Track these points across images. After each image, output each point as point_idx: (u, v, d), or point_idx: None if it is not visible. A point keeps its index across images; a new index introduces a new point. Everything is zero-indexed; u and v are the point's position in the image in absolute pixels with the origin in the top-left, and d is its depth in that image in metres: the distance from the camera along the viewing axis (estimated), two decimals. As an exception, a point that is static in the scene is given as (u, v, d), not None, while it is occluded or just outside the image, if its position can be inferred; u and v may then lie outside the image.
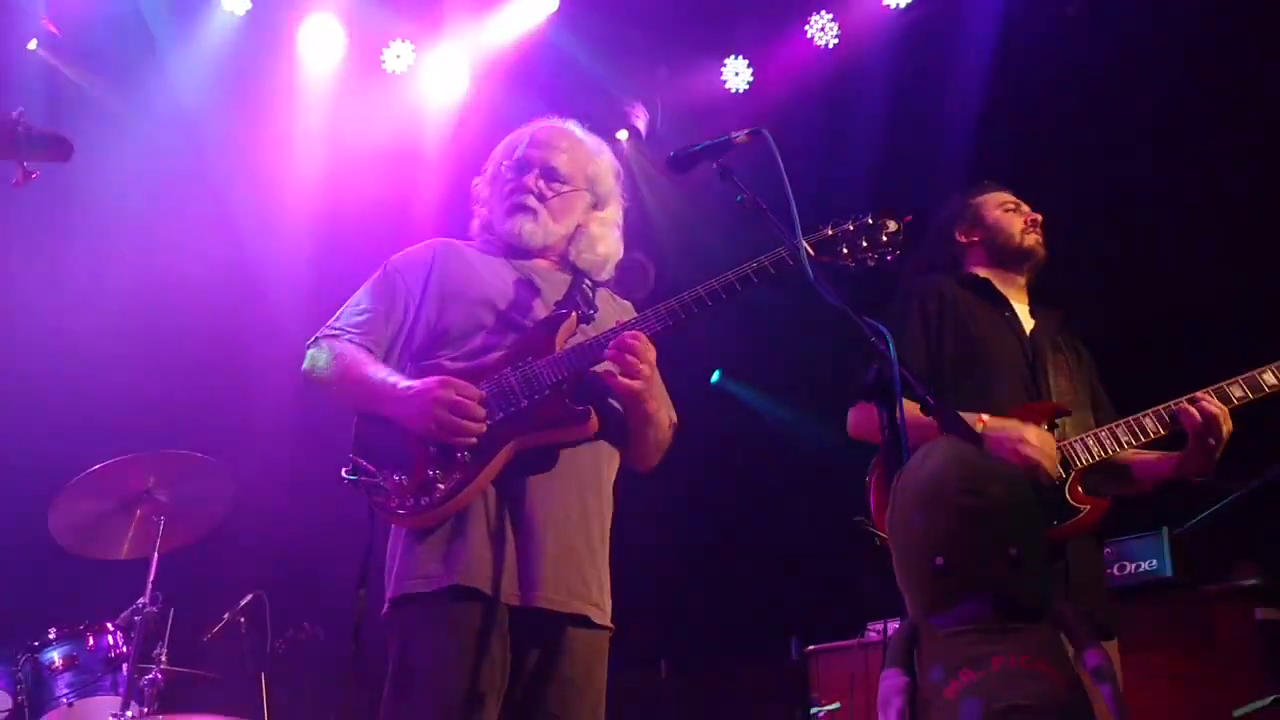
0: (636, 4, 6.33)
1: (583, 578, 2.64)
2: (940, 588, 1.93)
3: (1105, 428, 3.07)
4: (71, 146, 2.57)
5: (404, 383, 2.65)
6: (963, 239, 3.43)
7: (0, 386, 5.18)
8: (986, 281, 3.35)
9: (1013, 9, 5.90)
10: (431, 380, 2.61)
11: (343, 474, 2.62)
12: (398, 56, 6.38)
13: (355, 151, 6.24)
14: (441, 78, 6.43)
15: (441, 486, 2.55)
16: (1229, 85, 5.28)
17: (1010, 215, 3.39)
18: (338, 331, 2.78)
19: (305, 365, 2.80)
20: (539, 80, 6.36)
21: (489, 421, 2.60)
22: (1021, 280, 3.40)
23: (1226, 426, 2.98)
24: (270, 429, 5.77)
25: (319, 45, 6.23)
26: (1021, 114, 5.90)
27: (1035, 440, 2.94)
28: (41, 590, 4.72)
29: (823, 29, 6.37)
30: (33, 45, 5.70)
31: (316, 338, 2.81)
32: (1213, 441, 2.99)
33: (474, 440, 2.57)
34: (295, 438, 5.81)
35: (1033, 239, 3.37)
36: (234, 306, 5.96)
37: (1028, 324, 3.31)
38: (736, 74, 6.59)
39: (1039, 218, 3.40)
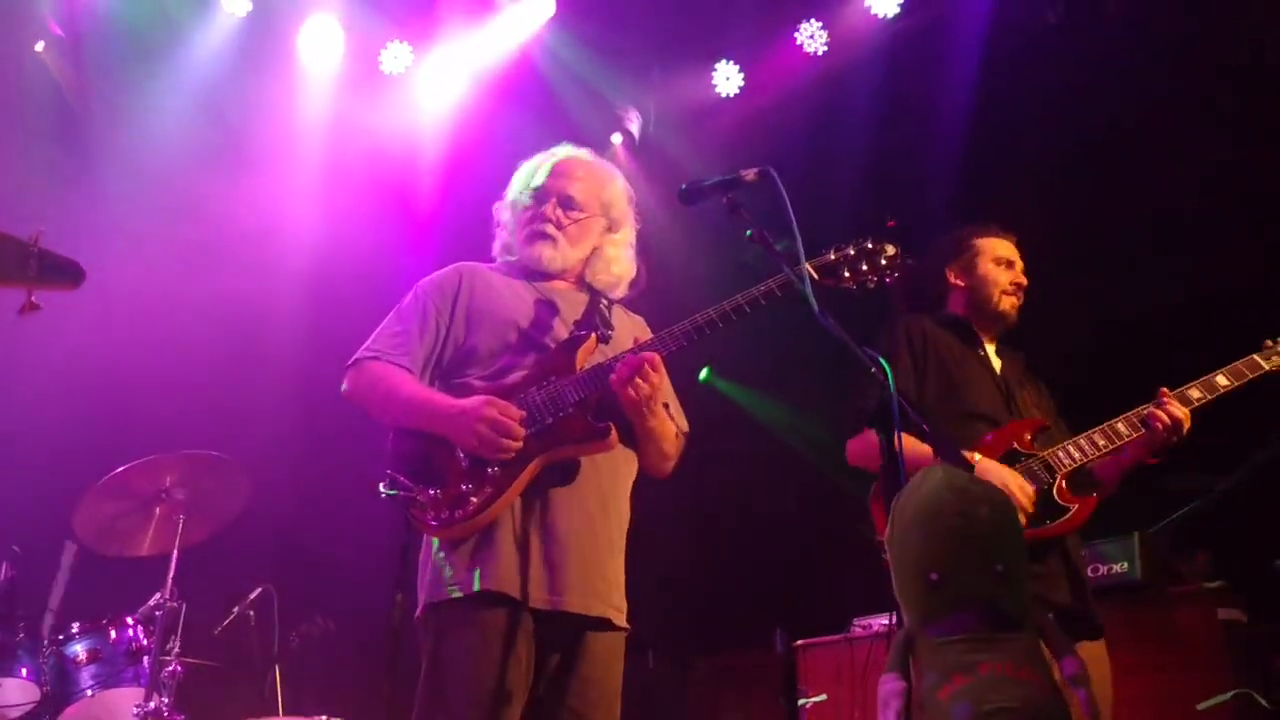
0: (630, 9, 6.45)
1: (605, 582, 2.82)
2: (935, 600, 2.12)
3: (1084, 435, 3.33)
4: (83, 274, 2.50)
5: (447, 401, 2.82)
6: (950, 278, 3.65)
7: (24, 392, 5.29)
8: (966, 323, 3.60)
9: (997, 18, 6.05)
10: (477, 399, 2.78)
11: (380, 488, 2.79)
12: (395, 58, 6.48)
13: (354, 152, 6.35)
14: (438, 80, 6.53)
15: (474, 500, 2.72)
16: (1213, 90, 5.43)
17: (998, 272, 3.59)
18: (375, 353, 2.94)
19: (346, 386, 2.96)
20: (534, 83, 6.48)
21: None
22: (991, 330, 3.63)
23: (1187, 426, 3.29)
24: (277, 428, 5.89)
25: (318, 46, 6.33)
26: (1006, 120, 6.05)
27: (1017, 489, 3.18)
28: (63, 586, 4.83)
29: (812, 36, 6.50)
30: (39, 47, 5.79)
31: (356, 359, 2.96)
32: (1175, 440, 3.29)
33: (510, 455, 2.74)
34: (300, 436, 5.96)
35: (1009, 303, 3.59)
36: (240, 309, 6.05)
37: (996, 363, 3.58)
38: (727, 79, 6.72)
39: (1024, 283, 3.60)
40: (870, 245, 2.85)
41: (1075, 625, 3.10)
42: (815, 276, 2.81)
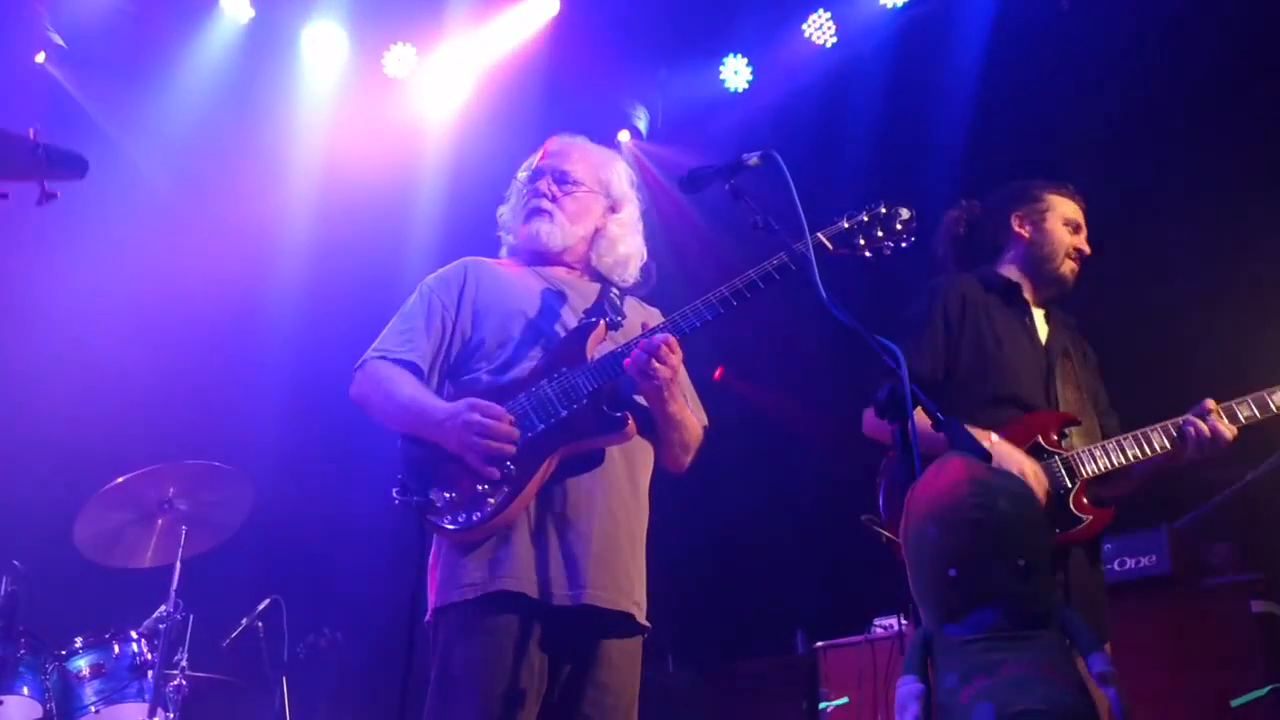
0: (636, 5, 6.39)
1: (627, 576, 2.73)
2: (954, 598, 2.02)
3: (1113, 440, 3.14)
4: (86, 163, 2.58)
5: (436, 406, 2.73)
6: (1015, 225, 3.44)
7: (23, 403, 5.25)
8: (1015, 286, 3.40)
9: (1008, 4, 5.95)
10: (459, 404, 2.69)
11: (393, 494, 2.70)
12: (399, 60, 6.42)
13: (358, 157, 6.29)
14: (442, 81, 6.48)
15: (491, 501, 2.63)
16: (1225, 75, 5.32)
17: (1065, 233, 3.40)
18: (381, 353, 2.86)
19: (353, 390, 2.89)
20: (540, 82, 6.41)
21: (530, 434, 2.68)
22: (1044, 294, 3.45)
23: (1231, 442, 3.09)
24: (282, 435, 5.84)
25: (321, 51, 6.28)
26: (1017, 108, 5.95)
27: (1031, 477, 3.02)
28: (65, 600, 4.78)
29: (821, 28, 6.42)
30: (40, 58, 5.76)
31: (362, 361, 2.88)
32: (1213, 455, 3.09)
33: (510, 454, 2.64)
34: (306, 443, 5.90)
35: (1069, 268, 3.41)
36: (243, 314, 6.01)
37: (1043, 330, 3.39)
38: (736, 73, 6.63)
39: (1086, 251, 3.42)
40: (884, 210, 2.74)
41: None
42: (829, 246, 2.71)
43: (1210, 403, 3.11)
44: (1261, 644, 3.76)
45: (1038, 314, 3.41)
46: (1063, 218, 3.43)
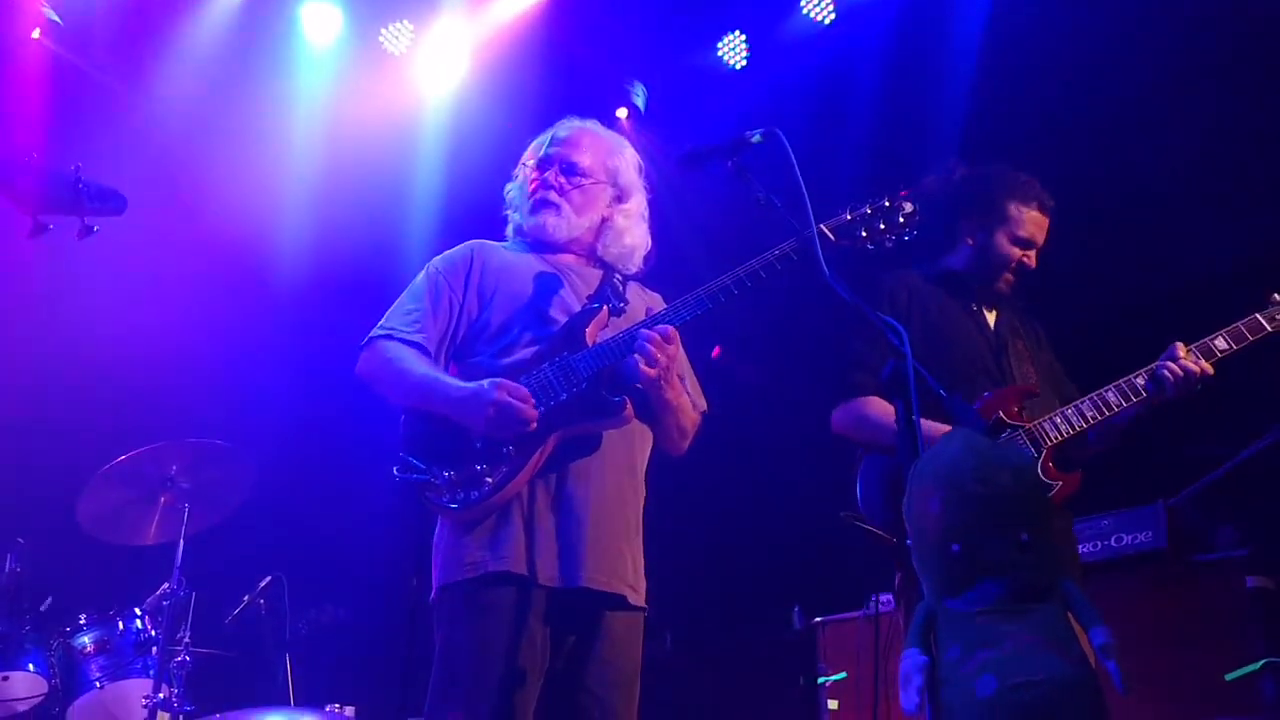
0: (634, -21, 6.37)
1: (622, 559, 2.76)
2: (956, 572, 2.04)
3: (1071, 405, 3.21)
4: (125, 201, 2.70)
5: (457, 384, 2.76)
6: (965, 229, 3.47)
7: (26, 382, 5.26)
8: (957, 275, 3.47)
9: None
10: (484, 384, 2.72)
11: (394, 472, 2.74)
12: (397, 37, 6.41)
13: (357, 133, 6.28)
14: (440, 57, 6.46)
15: (490, 480, 2.67)
16: (1225, 59, 5.31)
17: (1012, 251, 3.41)
18: (388, 331, 2.88)
19: (359, 367, 2.91)
20: (538, 59, 6.39)
21: None
22: (983, 290, 3.49)
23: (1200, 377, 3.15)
24: (284, 413, 5.85)
25: (319, 26, 6.26)
26: (1018, 85, 5.93)
27: None
28: (69, 577, 4.80)
29: (819, 4, 6.38)
30: (36, 34, 5.73)
31: (369, 338, 2.91)
32: (1189, 393, 3.14)
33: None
34: (308, 420, 5.91)
35: (1005, 282, 3.45)
36: (244, 293, 6.01)
37: (990, 316, 3.46)
38: (734, 50, 6.62)
39: (1031, 266, 3.44)
40: (887, 203, 2.76)
41: None
42: (832, 238, 2.73)
43: (1180, 345, 3.20)
44: (1256, 619, 3.79)
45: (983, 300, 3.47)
46: (1013, 235, 3.42)
